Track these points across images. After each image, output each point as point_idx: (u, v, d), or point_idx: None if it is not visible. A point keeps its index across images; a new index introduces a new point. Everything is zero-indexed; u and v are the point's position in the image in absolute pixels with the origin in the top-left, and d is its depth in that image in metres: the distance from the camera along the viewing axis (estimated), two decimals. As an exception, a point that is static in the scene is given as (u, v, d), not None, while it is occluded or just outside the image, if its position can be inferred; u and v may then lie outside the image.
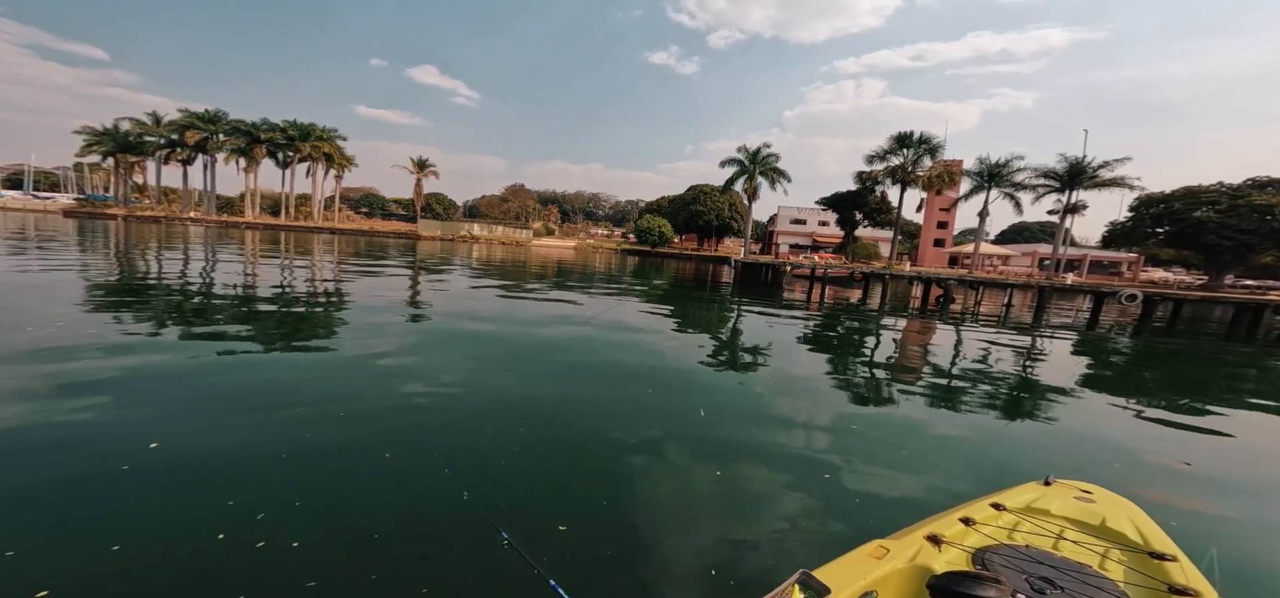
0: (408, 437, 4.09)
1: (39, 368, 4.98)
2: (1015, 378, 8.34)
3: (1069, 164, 27.79)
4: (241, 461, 3.51)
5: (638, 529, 3.05)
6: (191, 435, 3.82)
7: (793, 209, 58.72)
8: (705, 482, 3.76)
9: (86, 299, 8.76)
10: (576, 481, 3.63)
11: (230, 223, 46.35)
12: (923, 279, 25.10)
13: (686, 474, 3.88)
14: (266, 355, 6.07)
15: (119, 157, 50.02)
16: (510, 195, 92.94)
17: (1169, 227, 30.32)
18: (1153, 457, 5.15)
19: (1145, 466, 4.91)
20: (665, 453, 4.18)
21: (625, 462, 3.97)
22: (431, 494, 3.27)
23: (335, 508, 3.03)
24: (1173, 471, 4.83)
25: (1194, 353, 13.42)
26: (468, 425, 4.44)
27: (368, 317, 9.14)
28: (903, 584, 1.63)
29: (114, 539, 2.57)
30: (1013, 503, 2.20)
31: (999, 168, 29.78)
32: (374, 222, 64.64)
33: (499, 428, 4.40)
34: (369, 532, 2.80)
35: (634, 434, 4.52)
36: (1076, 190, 28.17)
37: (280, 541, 2.65)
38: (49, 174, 70.17)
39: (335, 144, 52.79)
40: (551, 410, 4.98)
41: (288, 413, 4.34)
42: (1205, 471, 4.81)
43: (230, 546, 2.62)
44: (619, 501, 3.39)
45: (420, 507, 3.13)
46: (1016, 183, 29.69)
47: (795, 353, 9.29)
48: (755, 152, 38.26)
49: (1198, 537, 3.17)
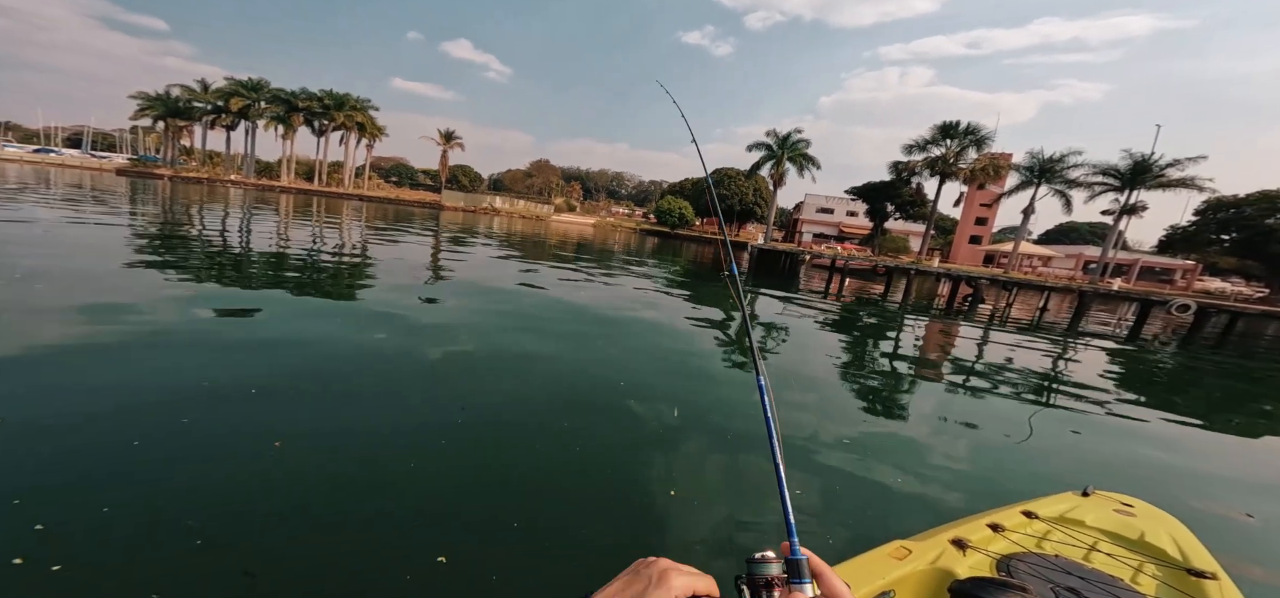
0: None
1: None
2: (1045, 385, 7.79)
3: (1134, 161, 25.66)
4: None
5: (645, 511, 3.06)
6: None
7: (820, 197, 56.78)
8: (715, 469, 3.71)
9: (134, 251, 9.24)
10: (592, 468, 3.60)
11: (267, 186, 48.29)
12: (951, 276, 23.88)
13: (692, 458, 3.85)
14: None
15: (169, 121, 52.67)
16: (535, 170, 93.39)
17: (1236, 233, 27.83)
18: (1199, 472, 4.76)
19: (1191, 480, 4.54)
20: (679, 441, 4.13)
21: (627, 449, 3.87)
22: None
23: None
24: (1225, 485, 4.42)
25: (1250, 373, 12.28)
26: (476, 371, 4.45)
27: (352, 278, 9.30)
28: (922, 587, 1.56)
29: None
30: (1046, 512, 2.09)
31: (1052, 163, 27.82)
32: (401, 190, 66.21)
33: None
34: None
35: (650, 421, 4.42)
36: (1137, 190, 26.06)
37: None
38: (107, 136, 74.61)
39: (367, 114, 54.08)
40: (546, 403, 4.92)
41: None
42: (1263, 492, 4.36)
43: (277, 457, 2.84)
44: (620, 482, 3.38)
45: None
46: (1070, 179, 27.72)
47: (808, 344, 8.97)
48: (785, 137, 36.99)
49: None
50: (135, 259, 8.99)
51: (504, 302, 9.17)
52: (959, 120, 29.95)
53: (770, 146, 37.43)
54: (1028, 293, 27.57)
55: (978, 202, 46.24)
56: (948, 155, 30.52)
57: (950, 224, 53.96)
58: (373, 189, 59.58)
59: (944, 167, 30.75)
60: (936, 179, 31.96)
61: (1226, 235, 28.75)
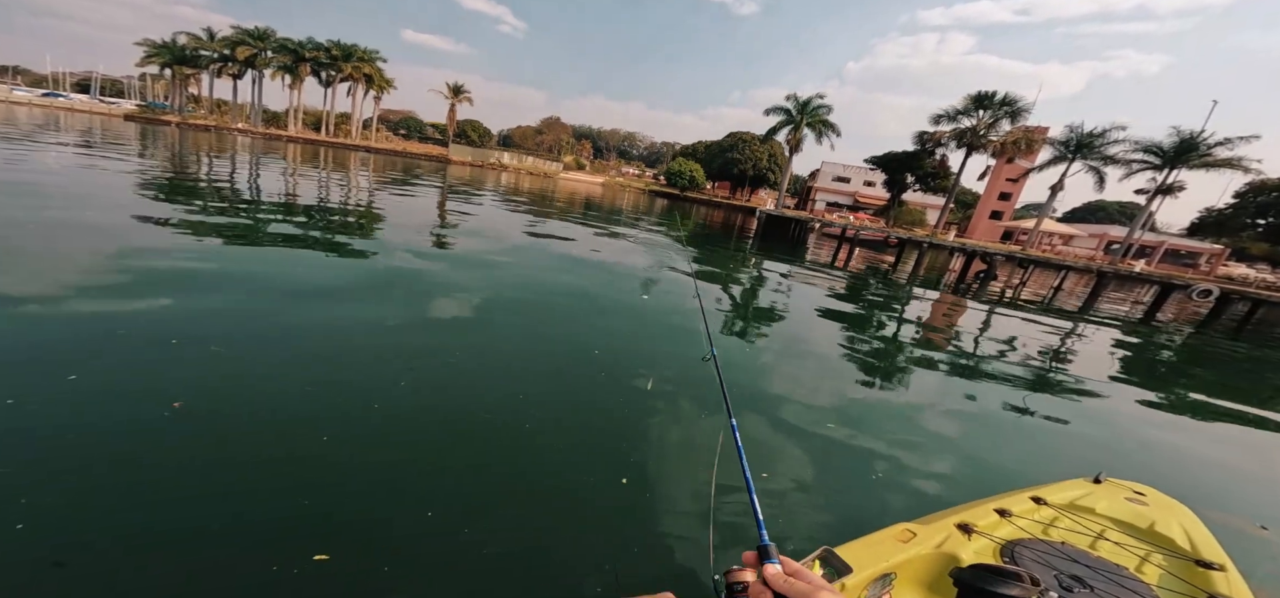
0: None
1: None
2: (1056, 367, 7.58)
3: (1180, 139, 24.10)
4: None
5: (655, 482, 3.01)
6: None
7: (837, 166, 54.86)
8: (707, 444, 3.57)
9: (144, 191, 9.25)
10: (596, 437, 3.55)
11: (274, 136, 48.03)
12: (965, 251, 23.21)
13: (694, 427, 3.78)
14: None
15: (175, 68, 52.05)
16: (546, 127, 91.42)
17: (1274, 218, 26.46)
18: (1209, 460, 4.64)
19: (1203, 469, 4.42)
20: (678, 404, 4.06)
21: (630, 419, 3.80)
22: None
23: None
24: (1234, 474, 4.30)
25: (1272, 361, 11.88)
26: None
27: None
28: (926, 570, 1.56)
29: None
30: (1055, 498, 2.07)
31: (1091, 138, 26.29)
32: (409, 143, 65.52)
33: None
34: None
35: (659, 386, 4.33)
36: (1179, 169, 24.62)
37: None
38: (115, 82, 74.21)
39: (375, 66, 53.03)
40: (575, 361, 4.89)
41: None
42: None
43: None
44: (629, 453, 3.31)
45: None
46: (1107, 156, 26.24)
47: (808, 314, 8.82)
48: (806, 102, 35.49)
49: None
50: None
51: (473, 260, 9.09)
52: (995, 91, 28.34)
53: (789, 111, 36.00)
54: (1044, 272, 26.80)
55: (1004, 176, 44.31)
56: (978, 126, 29.03)
57: (971, 198, 52.07)
58: (380, 141, 58.99)
59: (973, 138, 29.31)
60: (963, 151, 30.57)
61: (1263, 220, 27.32)
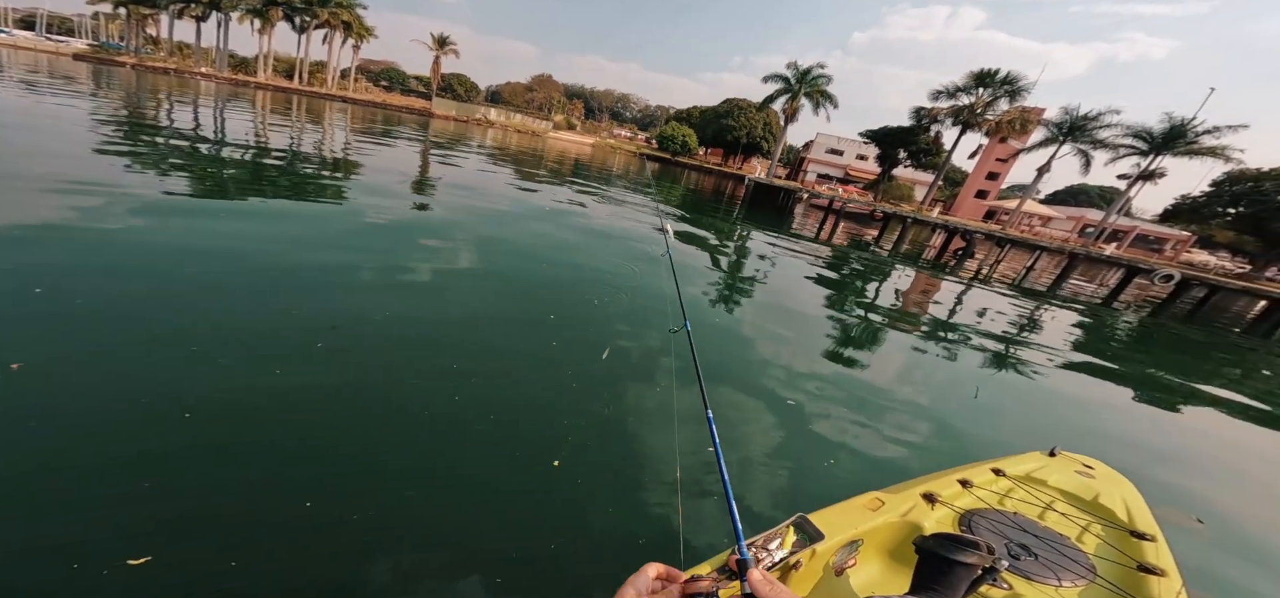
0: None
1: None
2: (1019, 344, 7.86)
3: (1170, 125, 24.34)
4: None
5: (638, 455, 3.10)
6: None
7: (832, 138, 54.34)
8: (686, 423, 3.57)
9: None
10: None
11: (241, 81, 45.29)
12: (946, 228, 23.59)
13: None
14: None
15: (132, 7, 48.36)
16: (536, 85, 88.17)
17: (1244, 207, 27.29)
18: (1148, 436, 4.96)
19: (1139, 443, 4.74)
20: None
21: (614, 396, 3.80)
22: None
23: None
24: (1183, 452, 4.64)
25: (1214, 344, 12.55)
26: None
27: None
28: (891, 537, 1.68)
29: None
30: (1013, 470, 2.21)
31: (1084, 121, 26.39)
32: (389, 95, 62.47)
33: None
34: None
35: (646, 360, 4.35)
36: (1163, 156, 25.00)
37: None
38: (64, 20, 68.61)
39: (354, 12, 49.85)
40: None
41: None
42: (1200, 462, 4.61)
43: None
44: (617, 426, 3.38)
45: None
46: (1097, 139, 26.47)
47: (789, 286, 8.93)
48: (806, 71, 34.79)
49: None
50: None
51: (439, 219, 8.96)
52: (997, 69, 28.07)
53: (788, 80, 35.33)
54: (1019, 251, 27.45)
55: (994, 155, 44.53)
56: (976, 104, 28.91)
57: (960, 176, 52.34)
58: (359, 92, 56.16)
59: (969, 116, 29.24)
60: (959, 129, 30.53)
61: (1233, 209, 28.17)
